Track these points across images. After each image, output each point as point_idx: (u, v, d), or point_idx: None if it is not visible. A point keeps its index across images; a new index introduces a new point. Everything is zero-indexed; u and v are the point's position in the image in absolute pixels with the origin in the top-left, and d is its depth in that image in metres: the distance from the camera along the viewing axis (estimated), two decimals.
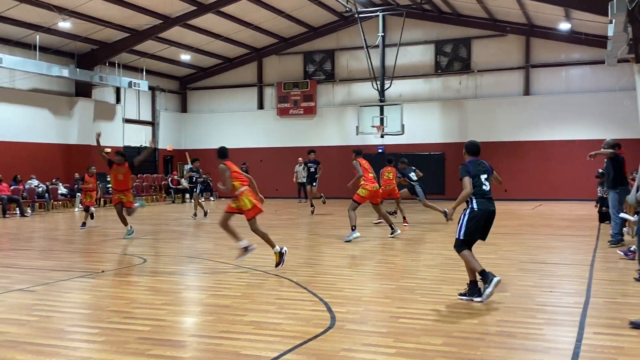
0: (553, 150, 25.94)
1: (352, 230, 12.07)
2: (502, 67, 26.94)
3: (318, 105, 29.79)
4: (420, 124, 27.18)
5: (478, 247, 7.10)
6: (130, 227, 13.08)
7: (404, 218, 15.47)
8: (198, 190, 19.31)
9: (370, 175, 12.38)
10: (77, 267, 9.26)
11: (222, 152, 9.28)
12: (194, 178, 19.28)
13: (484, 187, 6.66)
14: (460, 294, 6.61)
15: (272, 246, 8.81)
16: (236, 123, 30.93)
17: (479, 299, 6.41)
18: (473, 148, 6.91)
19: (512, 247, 11.20)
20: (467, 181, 6.60)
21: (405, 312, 6.15)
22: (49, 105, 24.42)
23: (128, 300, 6.85)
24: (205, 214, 18.05)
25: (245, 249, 8.84)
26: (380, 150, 28.23)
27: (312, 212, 19.23)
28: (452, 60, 27.85)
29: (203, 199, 20.41)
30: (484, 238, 6.71)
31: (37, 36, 22.24)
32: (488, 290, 6.39)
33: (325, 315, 6.04)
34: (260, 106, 31.07)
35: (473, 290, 6.51)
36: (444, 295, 6.93)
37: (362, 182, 12.27)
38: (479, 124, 26.95)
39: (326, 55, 29.82)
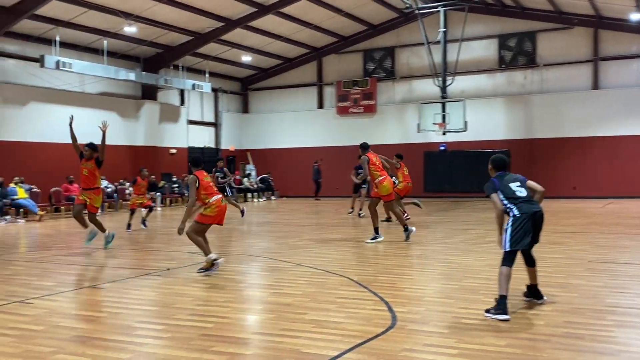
0: (624, 146, 24.95)
1: (405, 229, 11.67)
2: (569, 61, 26.10)
3: (378, 103, 29.65)
4: (484, 121, 26.65)
5: (544, 246, 6.88)
6: (91, 231, 11.39)
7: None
8: (229, 192, 18.29)
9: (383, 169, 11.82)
10: (143, 265, 9.53)
11: (195, 161, 8.87)
12: (219, 178, 18.37)
13: (517, 193, 6.10)
14: (487, 310, 5.93)
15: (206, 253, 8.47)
16: (296, 122, 31.16)
17: (505, 317, 5.73)
18: (500, 162, 6.41)
19: (580, 247, 10.83)
20: (495, 198, 6.15)
21: (468, 313, 6.03)
22: (117, 108, 25.25)
23: (192, 297, 6.99)
24: (242, 213, 17.46)
25: (213, 263, 8.43)
26: (442, 148, 27.86)
27: (352, 214, 18.51)
28: (517, 54, 27.19)
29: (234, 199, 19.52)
30: (536, 241, 6.23)
31: (105, 41, 23.04)
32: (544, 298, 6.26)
33: (386, 314, 5.99)
34: (320, 105, 31.18)
35: (500, 305, 5.82)
36: (509, 295, 6.74)
37: (379, 179, 11.62)
38: (545, 119, 26.22)
39: (386, 53, 29.64)
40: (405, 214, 14.52)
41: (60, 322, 5.95)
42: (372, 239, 11.57)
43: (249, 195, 28.44)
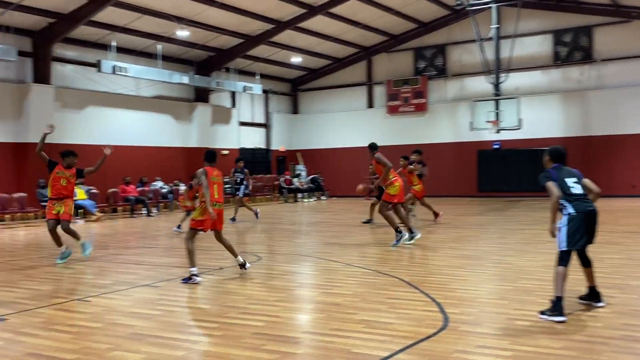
0: None
1: (398, 232, 11.00)
2: (627, 55, 25.22)
3: (429, 102, 29.34)
4: (539, 118, 26.03)
5: (601, 247, 6.67)
6: (67, 247, 10.30)
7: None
8: (241, 192, 17.77)
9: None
10: (197, 264, 9.68)
11: (209, 156, 8.76)
12: (238, 179, 17.86)
13: (573, 189, 5.89)
14: (542, 312, 5.78)
15: (192, 266, 8.08)
16: (346, 122, 31.14)
17: (561, 319, 5.59)
18: (557, 154, 6.17)
19: None
20: (551, 185, 5.88)
21: (522, 314, 5.90)
22: (171, 111, 25.79)
23: (244, 296, 7.08)
24: (256, 214, 17.33)
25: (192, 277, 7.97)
26: (496, 147, 27.36)
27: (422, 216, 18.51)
28: (572, 50, 26.44)
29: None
30: (590, 241, 6.02)
31: (159, 46, 23.56)
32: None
33: (437, 315, 5.93)
34: (370, 105, 31.08)
35: (556, 306, 5.68)
36: (565, 297, 6.57)
37: (390, 179, 11.09)
38: (603, 116, 25.42)
39: (437, 51, 29.31)
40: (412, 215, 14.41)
41: (116, 319, 6.13)
42: (397, 242, 10.96)
43: (299, 195, 28.57)
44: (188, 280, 7.89)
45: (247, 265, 8.51)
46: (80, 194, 19.64)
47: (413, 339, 5.13)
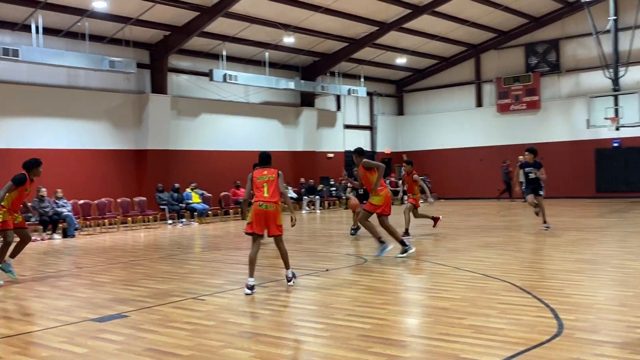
0: None
1: (381, 242, 10.24)
2: None
3: (542, 99, 28.16)
4: None
5: None
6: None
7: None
8: None
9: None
10: (304, 265, 9.86)
11: (261, 159, 8.33)
12: None
13: None
14: None
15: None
16: (454, 122, 30.53)
17: None
18: None
19: None
20: None
21: None
22: (278, 116, 26.44)
23: (350, 298, 7.11)
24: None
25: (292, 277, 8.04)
26: (615, 144, 25.82)
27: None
28: None
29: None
30: None
31: (267, 53, 24.24)
32: None
33: (551, 322, 5.67)
34: (479, 104, 30.28)
35: None
36: None
37: (378, 187, 10.03)
38: None
39: (550, 46, 28.07)
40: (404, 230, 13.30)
41: (229, 318, 6.35)
42: (402, 253, 10.18)
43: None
44: (249, 289, 7.48)
45: (293, 282, 7.94)
46: (194, 197, 20.58)
47: (525, 346, 4.93)
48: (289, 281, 7.95)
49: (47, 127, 19.19)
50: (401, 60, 28.46)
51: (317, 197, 24.84)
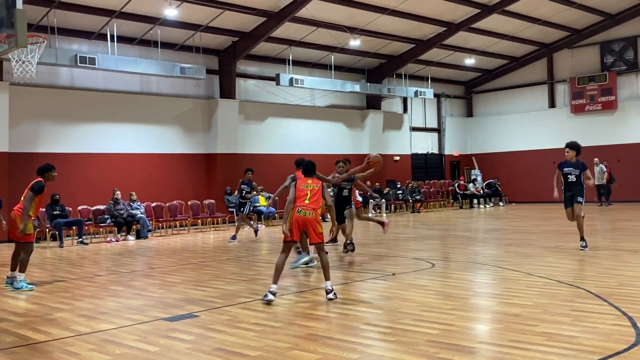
0: None
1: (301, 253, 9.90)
2: None
3: (619, 99, 27.03)
4: None
5: None
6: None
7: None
8: (246, 210, 16.09)
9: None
10: (370, 269, 9.81)
11: (299, 163, 8.07)
12: (244, 192, 15.95)
13: None
14: None
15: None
16: (525, 124, 29.71)
17: None
18: None
19: None
20: None
21: None
22: (344, 119, 26.47)
23: (417, 303, 7.01)
24: (256, 232, 16.10)
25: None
26: None
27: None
28: None
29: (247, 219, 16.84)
30: None
31: (332, 56, 24.33)
32: None
33: (629, 330, 5.41)
34: (552, 104, 29.36)
35: None
36: None
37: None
38: None
39: (627, 44, 26.92)
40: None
41: (295, 320, 6.39)
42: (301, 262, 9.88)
43: (475, 201, 27.77)
44: (264, 297, 7.24)
45: (333, 296, 7.28)
46: (261, 200, 20.85)
47: (600, 355, 4.73)
48: (328, 294, 7.29)
49: (122, 132, 19.91)
50: (470, 60, 27.95)
51: (383, 200, 24.69)
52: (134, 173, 19.70)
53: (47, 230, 16.33)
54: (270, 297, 7.19)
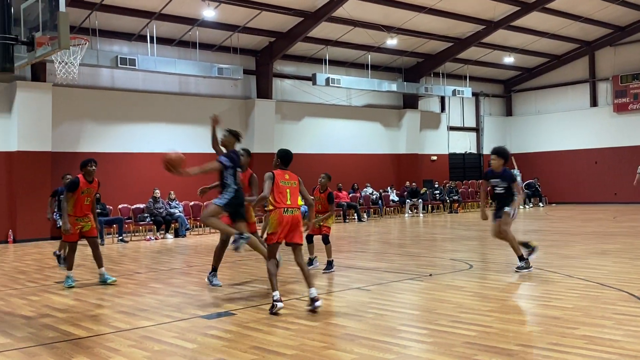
0: None
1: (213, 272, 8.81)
2: None
3: None
4: None
5: None
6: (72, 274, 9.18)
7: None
8: None
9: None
10: (407, 269, 9.75)
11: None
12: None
13: None
14: None
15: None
16: (566, 123, 29.13)
17: None
18: None
19: None
20: None
21: None
22: (380, 119, 26.36)
23: (455, 304, 6.94)
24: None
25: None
26: None
27: None
28: None
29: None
30: None
31: (369, 56, 24.26)
32: None
33: None
34: (594, 103, 28.71)
35: None
36: None
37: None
38: None
39: None
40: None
41: (331, 319, 6.39)
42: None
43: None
44: (272, 308, 6.71)
45: (318, 303, 6.70)
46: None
47: None
48: (313, 302, 6.67)
49: (161, 132, 20.21)
50: (509, 59, 27.52)
51: (420, 200, 24.51)
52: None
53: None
54: (279, 305, 6.65)
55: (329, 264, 9.74)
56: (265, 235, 7.30)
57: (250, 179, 9.36)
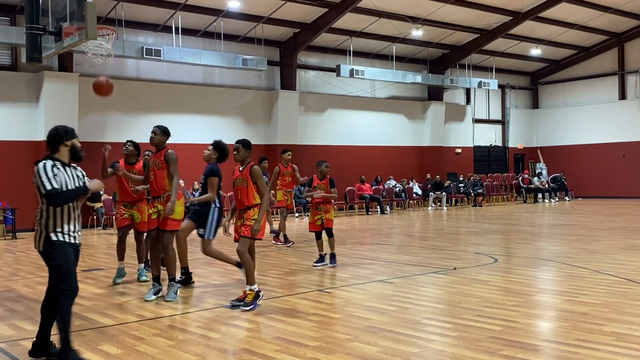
0: None
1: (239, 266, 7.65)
2: None
3: None
4: None
5: None
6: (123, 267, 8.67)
7: None
8: None
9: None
10: (430, 263, 9.69)
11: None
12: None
13: None
14: None
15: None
16: (593, 116, 28.65)
17: None
18: None
19: None
20: None
21: None
22: (404, 111, 26.18)
23: (479, 298, 6.87)
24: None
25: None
26: None
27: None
28: None
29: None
30: None
31: (394, 47, 24.08)
32: None
33: None
34: (622, 96, 28.18)
35: None
36: None
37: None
38: None
39: None
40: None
41: (354, 311, 6.37)
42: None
43: (539, 195, 27.00)
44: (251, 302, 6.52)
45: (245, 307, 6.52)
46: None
47: None
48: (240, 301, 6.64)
49: (185, 122, 20.30)
50: (536, 51, 27.12)
51: (444, 193, 24.34)
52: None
53: (113, 217, 16.86)
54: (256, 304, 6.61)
55: (333, 257, 9.48)
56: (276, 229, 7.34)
57: (330, 182, 9.90)
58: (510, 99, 30.18)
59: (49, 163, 4.77)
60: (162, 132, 7.62)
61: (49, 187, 4.66)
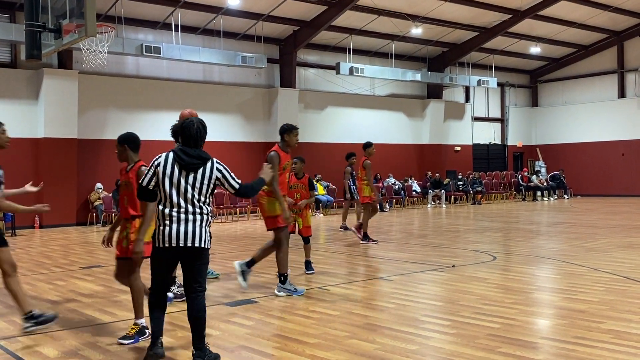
0: None
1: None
2: None
3: None
4: None
5: None
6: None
7: None
8: None
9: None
10: (429, 260, 9.70)
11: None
12: None
13: None
14: None
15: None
16: (592, 115, 28.68)
17: None
18: None
19: None
20: None
21: None
22: (404, 109, 26.20)
23: (478, 296, 6.89)
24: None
25: None
26: None
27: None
28: None
29: None
30: None
31: (393, 45, 24.08)
32: None
33: None
34: (622, 94, 28.21)
35: None
36: None
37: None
38: None
39: None
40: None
41: (353, 309, 6.38)
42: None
43: (538, 193, 27.03)
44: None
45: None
46: (319, 189, 20.95)
47: None
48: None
49: None
50: (536, 49, 27.13)
51: (443, 191, 24.35)
52: None
53: (113, 214, 16.88)
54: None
55: (308, 265, 8.68)
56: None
57: (308, 182, 9.19)
58: (509, 97, 30.20)
59: None
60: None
61: None
